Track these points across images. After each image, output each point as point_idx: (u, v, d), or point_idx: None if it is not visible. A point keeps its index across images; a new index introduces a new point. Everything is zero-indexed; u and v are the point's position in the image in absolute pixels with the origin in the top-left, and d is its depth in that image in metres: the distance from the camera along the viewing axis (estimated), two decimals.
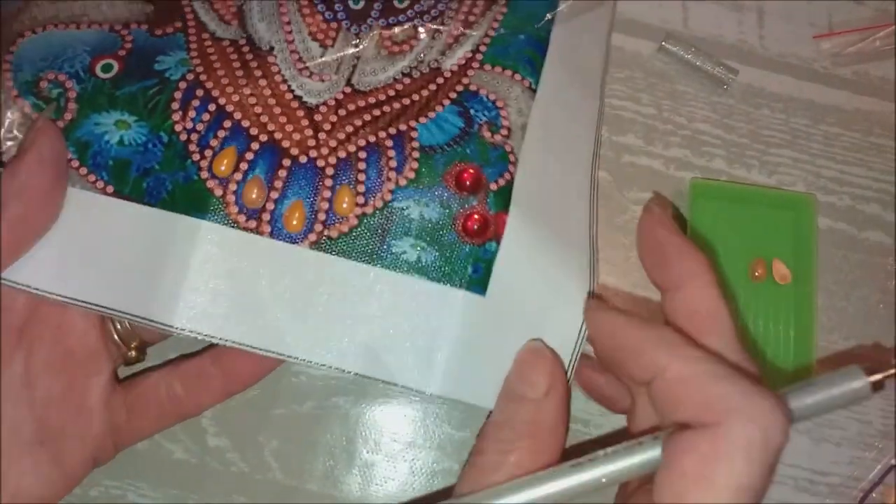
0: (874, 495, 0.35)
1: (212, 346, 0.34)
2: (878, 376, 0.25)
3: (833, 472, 0.36)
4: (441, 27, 0.33)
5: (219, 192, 0.30)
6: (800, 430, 0.36)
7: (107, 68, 0.31)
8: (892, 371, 0.25)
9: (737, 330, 0.26)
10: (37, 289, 0.29)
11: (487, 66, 0.32)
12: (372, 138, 0.31)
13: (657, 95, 0.39)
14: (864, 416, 0.36)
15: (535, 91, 0.32)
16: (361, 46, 0.32)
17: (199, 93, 0.30)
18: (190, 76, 0.31)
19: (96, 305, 0.29)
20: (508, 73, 0.32)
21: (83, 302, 0.29)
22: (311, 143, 0.30)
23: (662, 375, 0.25)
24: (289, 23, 0.32)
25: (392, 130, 0.31)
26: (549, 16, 0.34)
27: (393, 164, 0.30)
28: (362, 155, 0.30)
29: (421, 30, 0.33)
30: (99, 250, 0.29)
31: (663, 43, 0.39)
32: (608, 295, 0.37)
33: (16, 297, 0.30)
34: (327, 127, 0.31)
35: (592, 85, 0.35)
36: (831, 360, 0.37)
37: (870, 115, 0.39)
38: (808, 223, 0.37)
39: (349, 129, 0.31)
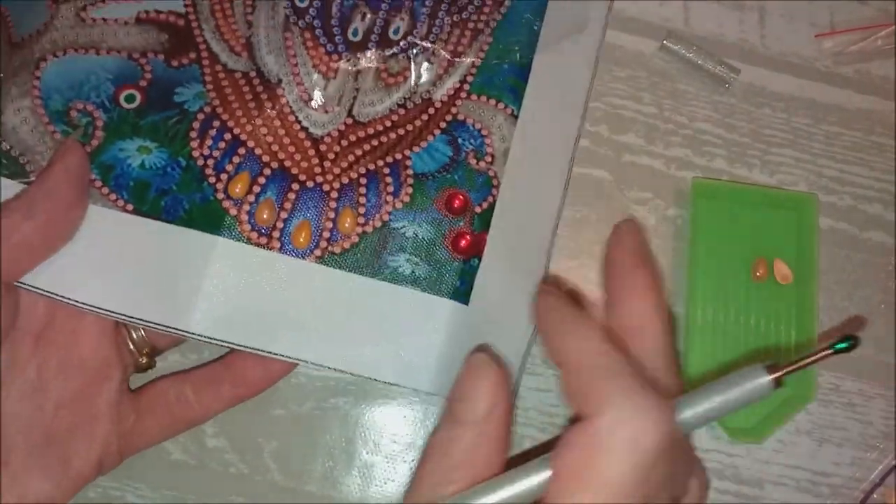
0: (875, 496, 0.35)
1: (224, 355, 0.34)
2: (778, 374, 0.26)
3: (834, 473, 0.36)
4: (432, 57, 0.35)
5: (233, 211, 0.32)
6: (801, 431, 0.36)
7: (130, 99, 0.33)
8: (792, 367, 0.26)
9: (667, 346, 0.27)
10: (58, 294, 0.30)
11: (474, 96, 0.35)
12: (371, 166, 0.34)
13: (658, 94, 0.39)
14: (865, 417, 0.36)
15: (517, 118, 0.35)
16: (360, 70, 0.35)
17: (216, 123, 0.33)
18: (207, 108, 0.33)
19: (114, 312, 0.31)
20: (493, 102, 0.35)
21: (102, 309, 0.31)
22: (318, 170, 0.34)
23: (567, 362, 0.26)
24: (294, 55, 0.34)
25: (389, 159, 0.34)
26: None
27: (390, 189, 0.34)
28: (363, 181, 0.34)
29: (416, 58, 0.35)
30: (119, 261, 0.31)
31: (665, 42, 0.39)
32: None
33: (36, 302, 0.31)
34: (331, 156, 0.34)
35: (575, 104, 0.37)
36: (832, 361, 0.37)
37: (871, 114, 0.39)
38: (809, 223, 0.37)
39: (351, 158, 0.34)
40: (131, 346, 0.33)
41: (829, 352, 0.26)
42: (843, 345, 0.26)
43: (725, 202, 0.37)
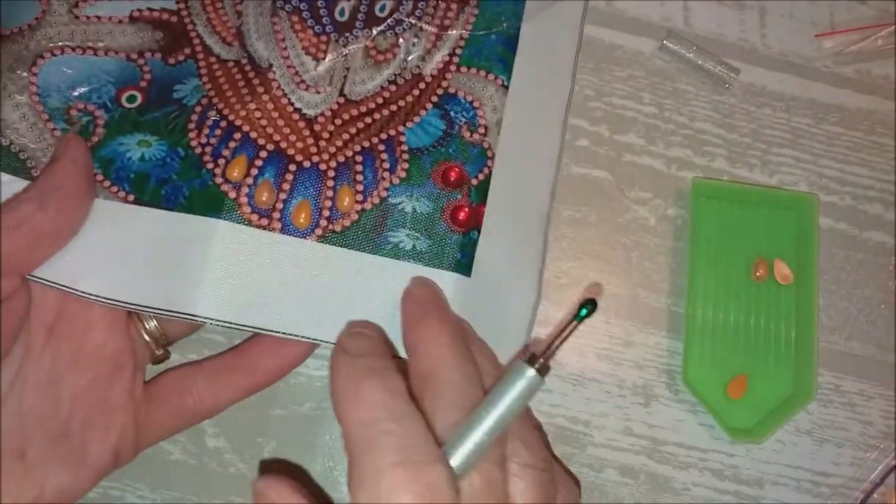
0: (875, 496, 0.35)
1: (235, 345, 0.35)
2: (539, 363, 0.26)
3: (835, 473, 0.36)
4: (420, 32, 0.36)
5: (232, 194, 0.33)
6: (801, 431, 0.36)
7: (131, 99, 0.34)
8: (549, 351, 0.26)
9: (460, 389, 0.27)
10: (67, 286, 0.31)
11: (464, 69, 0.36)
12: (366, 143, 0.34)
13: (658, 94, 0.39)
14: (865, 417, 0.36)
15: (507, 88, 0.36)
16: (348, 51, 0.35)
17: (212, 113, 0.34)
18: (204, 101, 0.34)
19: (121, 302, 0.31)
20: (482, 73, 0.36)
21: (108, 299, 0.31)
22: (313, 150, 0.34)
23: (344, 432, 0.26)
24: (283, 39, 0.35)
25: (383, 136, 0.35)
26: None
27: (386, 165, 0.34)
28: (359, 159, 0.34)
29: (404, 34, 0.36)
30: (123, 251, 0.32)
31: (664, 42, 0.39)
32: (608, 294, 0.37)
33: (46, 294, 0.31)
34: (326, 135, 0.34)
35: (564, 71, 0.38)
36: (832, 361, 0.37)
37: (872, 114, 0.39)
38: (809, 223, 0.37)
39: (345, 136, 0.34)
40: (146, 338, 0.33)
41: (575, 324, 0.26)
42: (583, 312, 0.26)
43: (725, 202, 0.37)
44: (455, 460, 0.25)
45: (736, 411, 0.35)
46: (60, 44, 0.34)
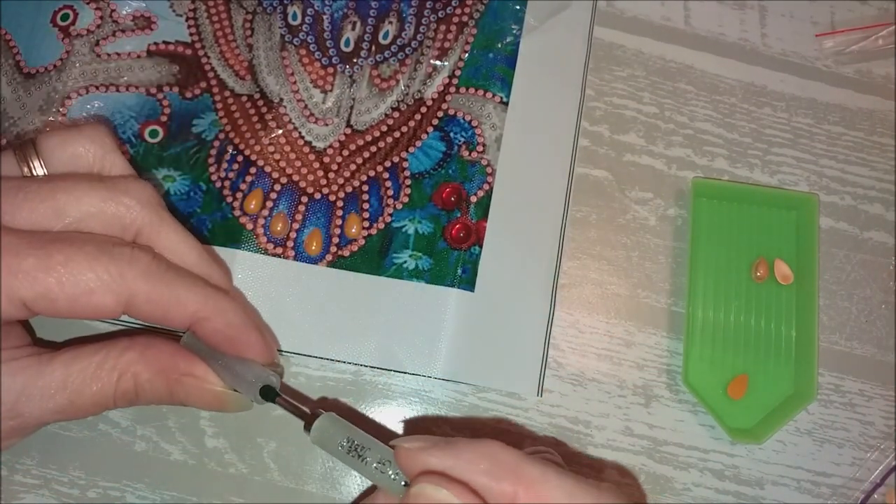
0: (876, 496, 0.35)
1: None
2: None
3: (835, 474, 0.36)
4: (422, 57, 0.37)
5: (250, 226, 0.35)
6: (802, 431, 0.36)
7: (153, 134, 0.36)
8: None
9: None
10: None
11: (463, 89, 0.37)
12: (371, 173, 0.36)
13: (658, 94, 0.39)
14: (865, 417, 0.36)
15: (507, 104, 0.37)
16: (356, 86, 0.37)
17: (230, 148, 0.36)
18: (221, 135, 0.36)
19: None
20: (481, 92, 0.37)
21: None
22: (323, 182, 0.36)
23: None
24: (292, 74, 0.37)
25: (387, 164, 0.36)
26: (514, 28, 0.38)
27: (390, 192, 0.36)
28: (365, 188, 0.36)
29: (406, 59, 0.37)
30: None
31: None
32: (608, 294, 0.37)
33: None
34: (334, 167, 0.36)
35: (572, 80, 0.38)
36: (832, 361, 0.37)
37: (872, 113, 0.39)
38: (810, 223, 0.37)
39: (353, 167, 0.36)
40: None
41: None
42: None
43: (726, 202, 0.37)
44: None
45: (736, 411, 0.35)
46: (86, 84, 0.36)
